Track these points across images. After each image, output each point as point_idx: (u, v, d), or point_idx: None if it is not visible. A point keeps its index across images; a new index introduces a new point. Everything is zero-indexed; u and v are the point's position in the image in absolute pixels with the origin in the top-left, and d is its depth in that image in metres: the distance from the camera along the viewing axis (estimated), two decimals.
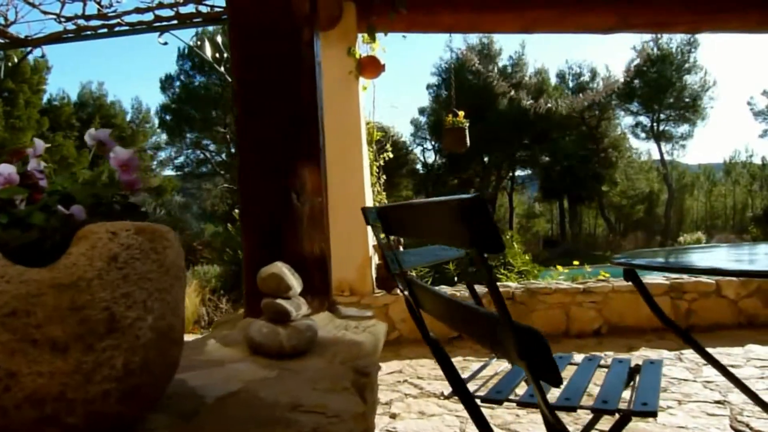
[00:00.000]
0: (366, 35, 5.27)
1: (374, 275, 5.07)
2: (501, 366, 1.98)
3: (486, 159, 30.82)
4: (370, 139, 5.41)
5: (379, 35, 5.44)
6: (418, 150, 34.32)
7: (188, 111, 28.33)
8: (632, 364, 1.81)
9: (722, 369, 1.61)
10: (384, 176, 5.55)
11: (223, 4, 5.18)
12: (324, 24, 4.80)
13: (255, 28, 1.66)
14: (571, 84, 30.08)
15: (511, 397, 1.54)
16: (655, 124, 30.46)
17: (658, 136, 30.55)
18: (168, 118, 29.07)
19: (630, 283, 1.71)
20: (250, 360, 1.23)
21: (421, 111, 33.30)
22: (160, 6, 5.22)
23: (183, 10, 5.30)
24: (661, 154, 31.09)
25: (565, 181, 28.31)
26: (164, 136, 29.93)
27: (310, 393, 1.00)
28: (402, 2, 4.75)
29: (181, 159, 30.93)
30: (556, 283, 5.25)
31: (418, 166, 34.50)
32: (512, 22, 5.18)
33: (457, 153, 5.21)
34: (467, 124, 5.34)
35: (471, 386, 1.96)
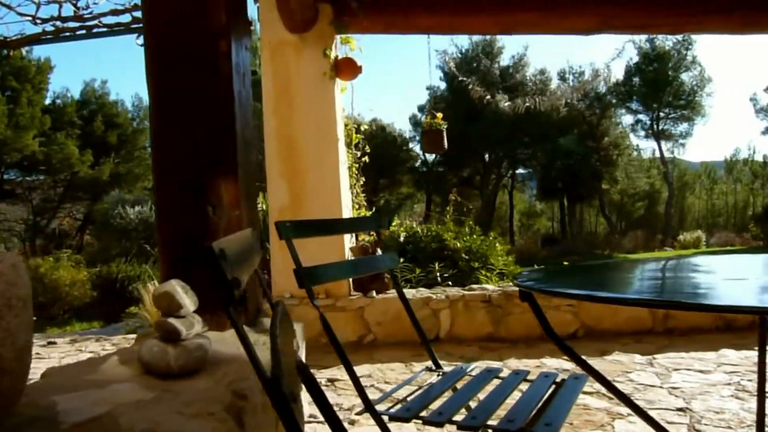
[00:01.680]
0: (343, 36, 5.26)
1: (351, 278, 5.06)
2: (430, 379, 1.97)
3: (486, 157, 30.72)
4: (349, 141, 5.39)
5: (358, 36, 5.43)
6: (418, 147, 34.23)
7: None
8: (558, 379, 1.79)
9: (610, 387, 1.58)
10: (363, 178, 5.53)
11: None
12: (299, 26, 4.78)
13: (170, 39, 1.64)
14: (572, 83, 29.95)
15: (422, 414, 1.52)
16: (654, 122, 30.35)
17: (658, 134, 30.43)
18: None
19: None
20: (137, 380, 1.22)
21: (421, 108, 33.21)
22: (137, 8, 5.22)
23: None
24: (661, 152, 30.96)
25: (564, 179, 28.22)
26: None
27: (174, 418, 0.99)
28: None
29: None
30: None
31: (418, 164, 34.43)
32: (490, 25, 5.16)
33: (436, 153, 5.18)
34: (445, 126, 5.33)
35: (395, 398, 1.95)
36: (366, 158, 5.54)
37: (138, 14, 5.28)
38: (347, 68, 5.00)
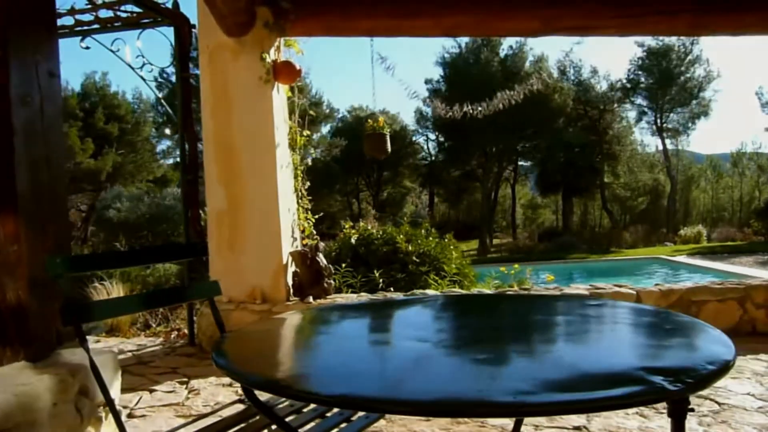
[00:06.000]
0: (287, 39, 5.23)
1: (290, 282, 5.05)
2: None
3: (488, 150, 30.47)
4: (294, 144, 5.36)
5: (302, 39, 5.40)
6: (421, 140, 34.18)
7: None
8: (354, 417, 1.77)
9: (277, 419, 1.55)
10: (308, 182, 5.49)
11: (140, 10, 5.17)
12: (233, 29, 4.75)
13: None
14: (572, 78, 29.66)
15: None
16: (658, 116, 29.98)
17: (662, 129, 30.07)
18: (161, 111, 29.15)
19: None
20: None
21: (424, 101, 33.00)
22: (80, 11, 5.21)
23: (102, 14, 5.30)
24: (665, 146, 30.60)
25: (566, 173, 27.95)
26: (167, 130, 30.00)
27: None
28: None
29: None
30: (477, 291, 5.18)
31: (421, 157, 34.34)
32: (433, 27, 5.08)
33: (378, 157, 5.17)
34: (387, 130, 5.29)
35: None
36: (309, 161, 5.52)
37: (81, 17, 5.28)
38: (285, 72, 4.96)
